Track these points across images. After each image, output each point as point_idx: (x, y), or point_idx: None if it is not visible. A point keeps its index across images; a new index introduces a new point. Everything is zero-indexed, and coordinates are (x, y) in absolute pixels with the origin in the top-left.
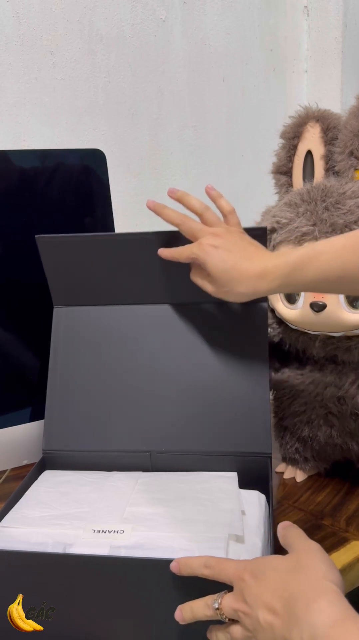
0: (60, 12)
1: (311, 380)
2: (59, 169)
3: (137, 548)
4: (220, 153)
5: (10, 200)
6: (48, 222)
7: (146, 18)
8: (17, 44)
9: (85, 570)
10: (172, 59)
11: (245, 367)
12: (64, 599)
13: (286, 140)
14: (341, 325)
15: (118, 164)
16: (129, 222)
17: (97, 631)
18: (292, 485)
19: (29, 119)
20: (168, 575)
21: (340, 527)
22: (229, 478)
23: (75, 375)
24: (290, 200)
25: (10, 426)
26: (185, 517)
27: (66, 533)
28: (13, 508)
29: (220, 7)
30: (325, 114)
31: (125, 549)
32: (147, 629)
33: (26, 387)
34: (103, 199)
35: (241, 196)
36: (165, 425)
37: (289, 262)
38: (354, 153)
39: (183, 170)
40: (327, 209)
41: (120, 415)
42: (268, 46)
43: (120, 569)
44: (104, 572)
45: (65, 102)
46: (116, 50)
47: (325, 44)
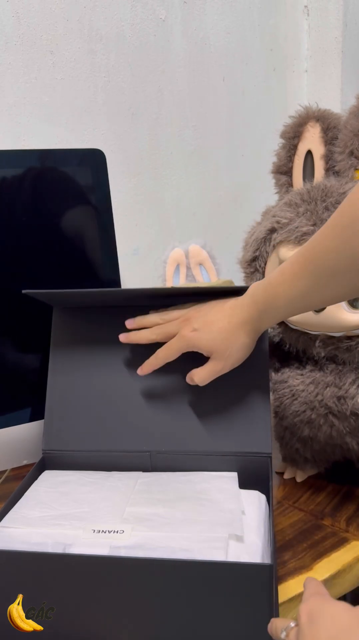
0: (60, 12)
1: (311, 380)
2: (58, 168)
3: (137, 548)
4: (220, 153)
5: (10, 200)
6: (48, 222)
7: (146, 18)
8: (17, 43)
9: (85, 570)
10: (172, 59)
11: (245, 367)
12: (64, 599)
13: (286, 140)
14: (341, 325)
15: (118, 164)
16: (129, 222)
17: (97, 631)
18: (292, 485)
19: (29, 119)
20: (167, 575)
21: (340, 527)
22: (229, 478)
23: (75, 375)
24: (290, 200)
25: (10, 426)
26: (185, 517)
27: (66, 533)
28: (13, 508)
29: (220, 7)
30: (325, 113)
31: (125, 549)
32: (147, 629)
33: (26, 387)
34: (103, 199)
35: (241, 196)
36: (165, 425)
37: (259, 296)
38: (354, 153)
39: (183, 170)
40: (327, 209)
41: (120, 415)
42: (268, 46)
43: (120, 569)
44: (104, 572)
45: (65, 102)
46: (116, 50)
47: (325, 44)
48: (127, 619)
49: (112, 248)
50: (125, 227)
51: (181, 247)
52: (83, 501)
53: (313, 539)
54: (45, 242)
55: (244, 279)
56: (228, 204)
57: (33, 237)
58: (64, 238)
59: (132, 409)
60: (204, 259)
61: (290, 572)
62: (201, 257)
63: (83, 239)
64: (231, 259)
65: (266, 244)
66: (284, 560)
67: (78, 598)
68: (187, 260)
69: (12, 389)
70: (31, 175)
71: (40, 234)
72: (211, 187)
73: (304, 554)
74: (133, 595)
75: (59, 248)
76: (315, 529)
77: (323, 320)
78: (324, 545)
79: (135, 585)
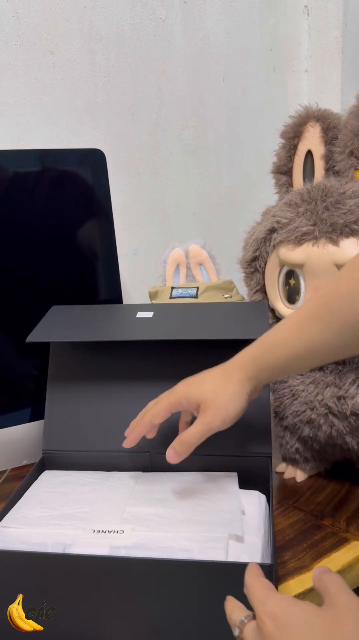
0: (60, 12)
1: (311, 380)
2: (58, 168)
3: (136, 548)
4: (220, 153)
5: (10, 200)
6: (48, 222)
7: (146, 18)
8: (16, 43)
9: (85, 570)
10: (172, 59)
11: None
12: (64, 599)
13: (286, 139)
14: None
15: (118, 164)
16: (129, 222)
17: (97, 631)
18: (292, 485)
19: (29, 119)
20: (167, 575)
21: (340, 527)
22: (229, 478)
23: (75, 375)
24: (290, 200)
25: (10, 426)
26: (185, 517)
27: (66, 533)
28: (13, 508)
29: (220, 7)
30: (325, 113)
31: (125, 549)
32: (147, 629)
33: (26, 387)
34: (103, 199)
35: (241, 196)
36: (165, 426)
37: (255, 348)
38: (354, 153)
39: (183, 170)
40: (327, 209)
41: (120, 415)
42: (268, 46)
43: (120, 569)
44: (104, 572)
45: (65, 102)
46: (116, 50)
47: (325, 44)
48: (127, 619)
49: (112, 248)
50: (125, 227)
51: (181, 247)
52: (84, 501)
53: (313, 539)
54: (45, 242)
55: (244, 279)
56: (228, 204)
57: (33, 237)
58: (64, 238)
59: (132, 409)
60: (204, 259)
61: (289, 572)
62: (201, 257)
63: (83, 239)
64: (231, 259)
65: (266, 244)
66: (284, 560)
67: (78, 598)
68: (187, 260)
69: (12, 389)
70: (31, 175)
71: (40, 234)
72: (211, 187)
73: (304, 554)
74: (133, 595)
75: (59, 248)
76: (315, 529)
77: None
78: (324, 545)
79: (135, 585)
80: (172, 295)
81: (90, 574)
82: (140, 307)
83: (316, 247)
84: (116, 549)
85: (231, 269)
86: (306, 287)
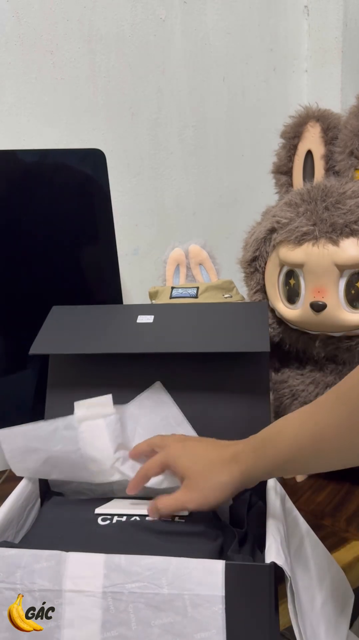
0: (60, 12)
1: (311, 380)
2: (58, 168)
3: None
4: (220, 153)
5: (10, 199)
6: (48, 222)
7: (146, 18)
8: (17, 43)
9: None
10: (172, 59)
11: (245, 367)
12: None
13: (286, 140)
14: (341, 325)
15: (118, 164)
16: (129, 222)
17: None
18: (292, 485)
19: (29, 119)
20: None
21: (340, 527)
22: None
23: (75, 383)
24: (290, 200)
25: (10, 426)
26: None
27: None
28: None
29: (220, 7)
30: (325, 113)
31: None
32: None
33: (26, 387)
34: (103, 198)
35: (241, 196)
36: None
37: (258, 436)
38: (354, 153)
39: (183, 170)
40: (327, 209)
41: None
42: (268, 46)
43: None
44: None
45: (65, 102)
46: (116, 50)
47: (325, 44)
48: None
49: (112, 248)
50: (125, 227)
51: (181, 247)
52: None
53: None
54: (46, 242)
55: (244, 279)
56: (228, 204)
57: (33, 237)
58: (64, 238)
59: None
60: (204, 259)
61: None
62: (201, 257)
63: (83, 239)
64: (231, 259)
65: (266, 244)
66: None
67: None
68: (187, 260)
69: (12, 389)
70: (31, 175)
71: (40, 234)
72: (211, 187)
73: None
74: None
75: (59, 248)
76: (315, 529)
77: (323, 320)
78: (325, 545)
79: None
80: (172, 295)
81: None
82: (140, 308)
83: (316, 247)
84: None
85: (231, 269)
86: (306, 287)
